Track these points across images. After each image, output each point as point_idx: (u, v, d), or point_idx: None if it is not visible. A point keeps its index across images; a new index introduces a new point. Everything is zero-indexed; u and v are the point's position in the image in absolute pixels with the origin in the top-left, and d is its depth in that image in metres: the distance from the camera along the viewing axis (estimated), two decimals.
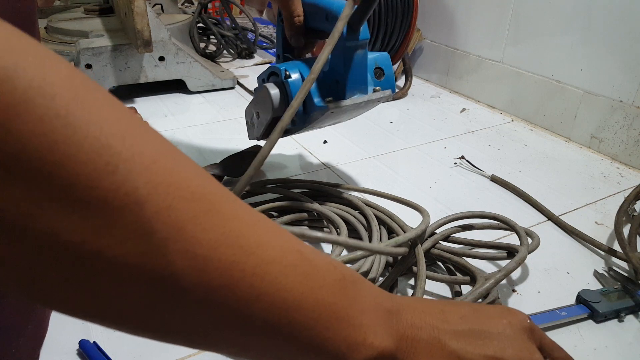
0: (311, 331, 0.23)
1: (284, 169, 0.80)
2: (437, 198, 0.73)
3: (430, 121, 1.02)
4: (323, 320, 0.23)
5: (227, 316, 0.21)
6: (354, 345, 0.24)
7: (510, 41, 1.02)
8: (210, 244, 0.20)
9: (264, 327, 0.22)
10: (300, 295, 0.23)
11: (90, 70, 0.96)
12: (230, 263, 0.20)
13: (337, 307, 0.24)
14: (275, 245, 0.22)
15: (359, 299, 0.25)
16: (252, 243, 0.21)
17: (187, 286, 0.19)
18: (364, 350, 0.25)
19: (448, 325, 0.28)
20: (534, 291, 0.55)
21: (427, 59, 1.26)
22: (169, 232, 0.19)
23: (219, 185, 0.22)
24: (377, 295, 0.27)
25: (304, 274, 0.23)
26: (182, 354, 0.46)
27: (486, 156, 0.87)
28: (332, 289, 0.24)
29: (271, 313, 0.22)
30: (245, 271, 0.21)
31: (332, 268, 0.25)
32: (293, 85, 0.57)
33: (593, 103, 0.89)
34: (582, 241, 0.64)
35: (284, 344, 0.23)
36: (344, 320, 0.24)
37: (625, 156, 0.85)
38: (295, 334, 0.23)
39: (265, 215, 0.24)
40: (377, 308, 0.26)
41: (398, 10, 1.06)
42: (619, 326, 0.51)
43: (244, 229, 0.21)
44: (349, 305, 0.24)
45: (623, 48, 0.82)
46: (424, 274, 0.48)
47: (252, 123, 0.66)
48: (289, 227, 0.62)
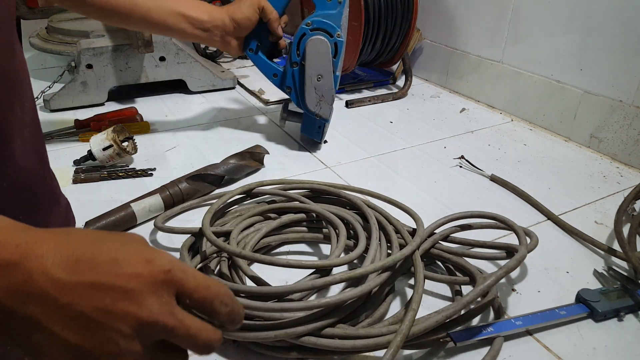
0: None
1: (283, 169, 0.81)
2: (437, 198, 0.73)
3: (430, 121, 1.02)
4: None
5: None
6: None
7: (510, 41, 1.02)
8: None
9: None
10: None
11: (91, 70, 0.97)
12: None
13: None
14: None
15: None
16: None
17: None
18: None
19: (73, 276, 0.27)
20: (534, 290, 0.55)
21: (427, 59, 1.26)
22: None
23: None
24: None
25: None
26: None
27: (486, 156, 0.87)
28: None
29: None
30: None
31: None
32: (341, 43, 0.78)
33: (593, 103, 0.89)
34: (582, 241, 0.64)
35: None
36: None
37: (624, 156, 0.85)
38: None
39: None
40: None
41: (398, 10, 1.06)
42: (619, 325, 0.51)
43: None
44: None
45: (623, 48, 0.82)
46: (421, 280, 0.48)
47: (320, 97, 0.80)
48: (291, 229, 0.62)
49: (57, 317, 0.27)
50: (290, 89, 0.83)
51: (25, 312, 0.26)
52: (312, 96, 0.80)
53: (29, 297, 0.26)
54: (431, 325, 0.44)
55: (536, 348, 0.48)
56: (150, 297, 0.28)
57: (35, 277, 0.26)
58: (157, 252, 0.30)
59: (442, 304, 0.51)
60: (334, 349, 0.43)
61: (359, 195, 0.65)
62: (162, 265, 0.29)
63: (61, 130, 0.88)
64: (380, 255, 0.53)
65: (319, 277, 0.52)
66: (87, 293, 0.27)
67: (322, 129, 0.84)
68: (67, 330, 0.27)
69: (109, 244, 0.29)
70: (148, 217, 0.65)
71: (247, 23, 0.76)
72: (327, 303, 0.43)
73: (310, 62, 0.77)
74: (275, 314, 0.44)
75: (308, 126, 0.86)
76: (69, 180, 0.74)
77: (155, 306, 0.28)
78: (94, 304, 0.27)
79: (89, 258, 0.28)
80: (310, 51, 0.77)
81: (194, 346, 0.30)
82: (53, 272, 0.27)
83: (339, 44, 0.77)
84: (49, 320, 0.27)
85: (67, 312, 0.27)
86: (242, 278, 0.52)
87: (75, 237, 0.29)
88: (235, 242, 0.54)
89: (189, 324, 0.29)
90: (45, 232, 0.28)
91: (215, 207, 0.59)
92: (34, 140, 0.43)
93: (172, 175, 0.71)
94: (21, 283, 0.26)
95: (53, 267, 0.27)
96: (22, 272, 0.26)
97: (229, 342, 0.47)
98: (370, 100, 1.10)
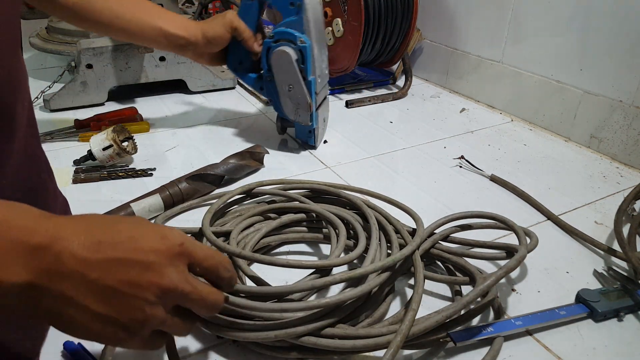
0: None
1: (283, 169, 0.81)
2: (437, 198, 0.73)
3: (430, 121, 1.02)
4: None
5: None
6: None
7: (510, 41, 1.02)
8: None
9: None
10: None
11: (91, 70, 0.97)
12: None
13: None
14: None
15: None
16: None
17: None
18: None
19: (97, 254, 0.30)
20: (534, 290, 0.55)
21: (427, 59, 1.26)
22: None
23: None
24: (24, 232, 0.29)
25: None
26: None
27: (486, 156, 0.87)
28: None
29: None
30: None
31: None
32: (305, 48, 0.76)
33: (592, 103, 0.89)
34: (582, 241, 0.64)
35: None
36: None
37: (624, 156, 0.85)
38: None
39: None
40: (16, 247, 0.28)
41: (398, 10, 1.06)
42: (619, 325, 0.51)
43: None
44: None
45: (623, 48, 0.82)
46: (421, 280, 0.48)
47: (296, 105, 0.80)
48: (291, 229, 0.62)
49: (87, 291, 0.30)
50: (271, 100, 0.85)
51: (57, 289, 0.29)
52: (288, 106, 0.81)
53: (60, 276, 0.29)
54: (431, 325, 0.44)
55: (536, 348, 0.48)
56: (169, 267, 0.32)
57: (64, 258, 0.29)
58: (169, 229, 0.34)
59: (442, 304, 0.51)
60: (334, 349, 0.43)
61: (358, 195, 0.65)
62: (176, 239, 0.33)
63: (61, 130, 0.88)
64: (380, 255, 0.53)
65: (318, 277, 0.52)
66: (112, 268, 0.30)
67: (314, 133, 0.85)
68: (97, 303, 0.30)
69: (124, 224, 0.33)
70: (148, 217, 0.65)
71: (218, 40, 0.78)
72: (327, 303, 0.43)
73: (278, 74, 0.78)
74: (275, 314, 0.44)
75: (300, 131, 0.87)
76: (69, 180, 0.74)
77: (174, 275, 0.32)
78: (119, 277, 0.30)
79: (109, 238, 0.31)
80: (274, 64, 0.78)
81: (204, 307, 0.35)
82: (79, 252, 0.30)
83: (303, 49, 0.76)
84: (79, 294, 0.30)
85: (95, 286, 0.30)
86: (242, 278, 0.53)
87: (93, 221, 0.32)
88: (235, 242, 0.54)
89: (200, 289, 0.34)
90: (65, 219, 0.31)
91: (215, 207, 0.59)
92: (30, 139, 0.43)
93: (172, 175, 0.71)
94: (52, 263, 0.29)
95: (79, 248, 0.30)
96: (53, 253, 0.29)
97: (229, 342, 0.47)
98: (370, 100, 1.10)
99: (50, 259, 0.29)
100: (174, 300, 0.33)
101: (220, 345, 0.47)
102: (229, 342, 0.47)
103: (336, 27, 1.08)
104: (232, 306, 0.44)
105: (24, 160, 0.41)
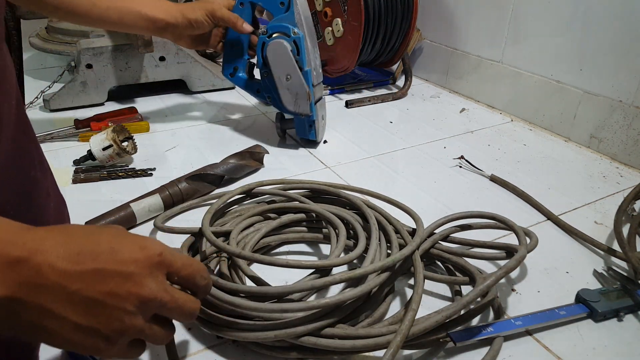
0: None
1: (283, 169, 0.81)
2: (437, 198, 0.73)
3: (430, 121, 1.02)
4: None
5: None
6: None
7: (510, 41, 1.02)
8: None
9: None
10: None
11: (91, 70, 0.97)
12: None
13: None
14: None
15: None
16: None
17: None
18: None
19: (77, 266, 0.30)
20: (534, 290, 0.55)
21: (427, 59, 1.26)
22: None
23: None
24: (2, 246, 0.29)
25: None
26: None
27: (486, 156, 0.87)
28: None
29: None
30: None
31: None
32: (299, 39, 0.78)
33: (592, 103, 0.89)
34: (582, 241, 0.64)
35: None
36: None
37: (624, 156, 0.85)
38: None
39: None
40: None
41: (398, 10, 1.06)
42: (618, 325, 0.51)
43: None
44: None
45: (622, 48, 0.82)
46: (421, 280, 0.48)
47: (294, 96, 0.81)
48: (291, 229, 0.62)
49: (67, 303, 0.30)
50: (270, 97, 0.86)
51: (37, 301, 0.29)
52: (287, 97, 0.82)
53: (40, 288, 0.29)
54: (431, 326, 0.44)
55: (536, 348, 0.48)
56: (148, 277, 0.33)
57: (44, 270, 0.29)
58: (148, 239, 0.34)
59: (442, 304, 0.51)
60: (333, 349, 0.43)
61: (358, 195, 0.65)
62: (155, 249, 0.34)
63: (61, 130, 0.88)
64: (380, 255, 0.53)
65: (318, 277, 0.52)
66: (92, 279, 0.30)
67: (314, 126, 0.86)
68: (77, 314, 0.30)
69: (103, 236, 0.33)
70: (148, 217, 0.65)
71: (199, 24, 0.79)
72: (327, 303, 0.43)
73: (275, 65, 0.80)
74: (275, 314, 0.44)
75: (300, 128, 0.87)
76: (69, 180, 0.74)
77: (153, 285, 0.33)
78: (99, 288, 0.31)
79: (89, 249, 0.31)
80: (271, 56, 0.80)
81: (181, 315, 0.36)
82: (59, 265, 0.30)
83: (297, 40, 0.78)
84: (59, 306, 0.30)
85: (75, 297, 0.30)
86: (241, 278, 0.53)
87: (73, 232, 0.32)
88: (235, 242, 0.54)
89: (177, 297, 0.35)
90: (45, 230, 0.31)
91: (215, 207, 0.59)
92: (19, 138, 0.43)
93: (172, 175, 0.71)
94: (32, 276, 0.29)
95: (58, 260, 0.30)
96: (32, 266, 0.29)
97: (228, 342, 0.47)
98: (370, 100, 1.10)
99: (29, 272, 0.29)
100: (152, 309, 0.33)
101: (220, 345, 0.47)
102: (229, 342, 0.47)
103: (336, 27, 1.08)
104: (232, 306, 0.44)
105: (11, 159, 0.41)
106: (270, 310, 0.43)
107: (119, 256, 0.32)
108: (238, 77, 0.88)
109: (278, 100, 0.84)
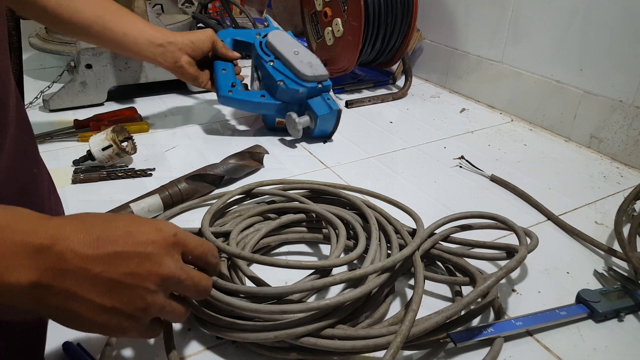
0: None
1: (283, 169, 0.80)
2: (437, 198, 0.73)
3: (430, 121, 1.02)
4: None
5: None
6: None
7: (510, 41, 1.02)
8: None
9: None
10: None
11: (90, 70, 0.96)
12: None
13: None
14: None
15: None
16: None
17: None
18: (3, 287, 0.29)
19: (98, 250, 0.32)
20: (534, 291, 0.55)
21: (427, 59, 1.26)
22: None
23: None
24: (27, 235, 0.30)
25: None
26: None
27: (486, 156, 0.87)
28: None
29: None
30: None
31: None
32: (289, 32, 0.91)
33: (593, 103, 0.89)
34: (582, 241, 0.64)
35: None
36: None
37: (624, 156, 0.85)
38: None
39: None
40: (21, 249, 0.29)
41: (398, 10, 1.06)
42: (619, 326, 0.51)
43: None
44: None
45: (623, 48, 0.82)
46: (421, 280, 0.48)
47: (309, 63, 0.86)
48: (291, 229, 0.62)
49: (91, 286, 0.31)
50: (283, 80, 0.85)
51: (63, 286, 0.31)
52: (302, 65, 0.85)
53: (64, 273, 0.31)
54: (431, 326, 0.44)
55: (536, 348, 0.48)
56: (166, 257, 0.35)
57: (67, 256, 0.31)
58: (161, 222, 0.37)
59: (442, 305, 0.51)
60: (333, 349, 0.43)
61: (358, 195, 0.64)
62: (170, 231, 0.36)
63: (60, 130, 0.88)
64: (380, 255, 0.53)
65: (318, 277, 0.51)
66: (113, 262, 0.32)
67: (331, 98, 0.88)
68: (101, 296, 0.32)
69: (119, 221, 0.35)
70: (147, 217, 0.65)
71: (201, 44, 0.83)
72: (327, 304, 0.43)
73: (282, 47, 0.86)
74: (274, 314, 0.43)
75: (319, 106, 0.86)
76: (68, 180, 0.74)
77: (171, 263, 0.35)
78: (121, 269, 0.32)
79: (107, 234, 0.33)
80: (275, 41, 0.87)
81: (197, 292, 0.38)
82: (81, 250, 0.31)
83: (288, 33, 0.91)
84: (84, 289, 0.31)
85: (99, 280, 0.32)
86: (241, 278, 0.52)
87: (90, 219, 0.34)
88: (235, 242, 0.54)
89: (193, 275, 0.37)
90: (63, 219, 0.33)
91: (215, 208, 0.59)
92: (19, 137, 0.43)
93: (172, 176, 0.71)
94: (56, 262, 0.30)
95: (80, 246, 0.31)
96: (56, 253, 0.30)
97: (228, 343, 0.47)
98: (370, 100, 1.10)
99: (53, 259, 0.30)
100: (171, 287, 0.36)
101: (220, 346, 0.47)
102: (229, 342, 0.47)
103: (336, 27, 1.08)
104: (231, 307, 0.44)
105: (16, 156, 0.41)
106: (270, 311, 0.43)
107: (137, 238, 0.34)
108: (236, 90, 0.87)
109: (295, 74, 0.85)
